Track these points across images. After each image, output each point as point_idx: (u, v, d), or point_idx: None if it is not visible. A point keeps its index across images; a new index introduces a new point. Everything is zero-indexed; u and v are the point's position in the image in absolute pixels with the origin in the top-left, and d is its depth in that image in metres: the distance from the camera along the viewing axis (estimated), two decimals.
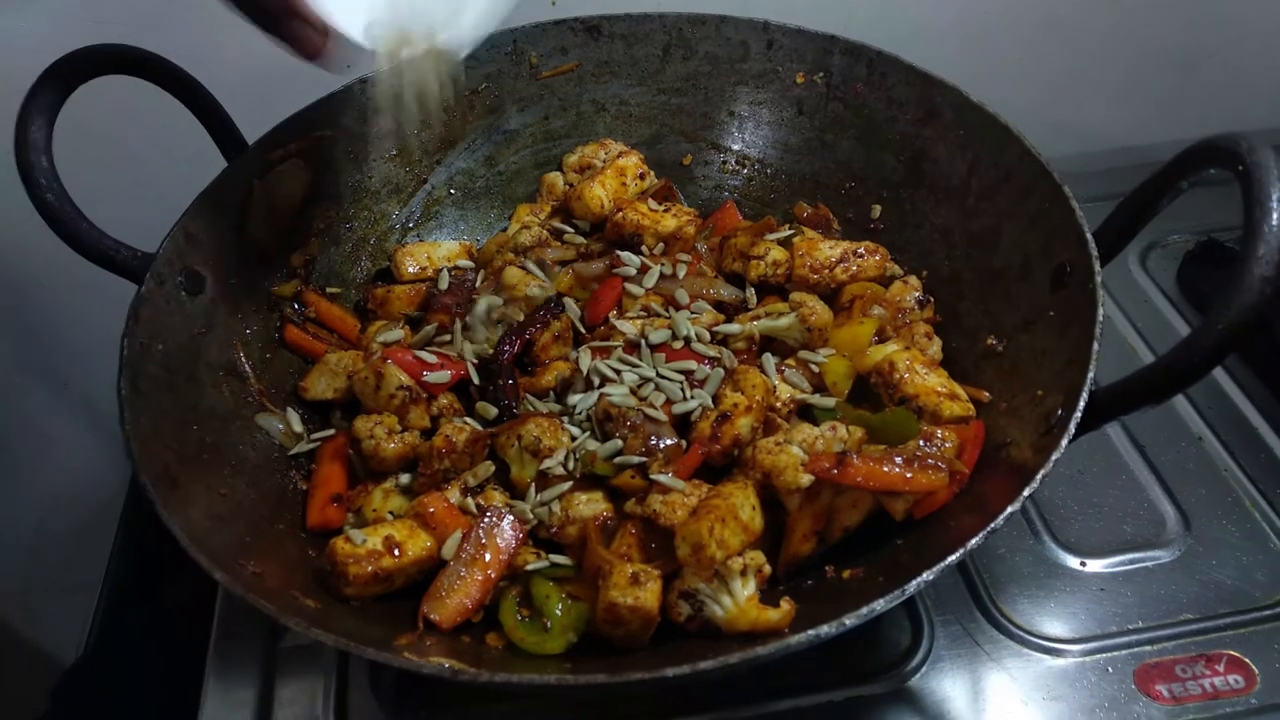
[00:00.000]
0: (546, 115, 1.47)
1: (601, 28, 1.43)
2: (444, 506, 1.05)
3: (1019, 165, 1.16)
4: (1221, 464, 1.35)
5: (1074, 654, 1.16)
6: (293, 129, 1.29)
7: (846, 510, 1.04)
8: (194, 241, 1.17)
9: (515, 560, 1.04)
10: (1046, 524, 1.28)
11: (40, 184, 1.04)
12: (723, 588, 0.96)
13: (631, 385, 1.15)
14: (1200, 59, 1.96)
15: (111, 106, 1.33)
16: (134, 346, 1.04)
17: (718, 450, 1.09)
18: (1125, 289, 1.61)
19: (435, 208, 1.45)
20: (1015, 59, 1.88)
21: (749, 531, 0.99)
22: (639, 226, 1.32)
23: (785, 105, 1.43)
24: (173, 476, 0.97)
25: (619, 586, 0.95)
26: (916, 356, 1.13)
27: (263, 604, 0.83)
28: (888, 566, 0.99)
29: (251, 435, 1.16)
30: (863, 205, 1.38)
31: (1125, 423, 1.39)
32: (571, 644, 0.99)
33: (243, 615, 1.22)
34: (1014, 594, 1.22)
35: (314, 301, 1.30)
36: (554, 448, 1.09)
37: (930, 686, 1.14)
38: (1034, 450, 0.94)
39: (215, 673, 1.18)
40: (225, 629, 1.20)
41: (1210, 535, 1.26)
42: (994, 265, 1.19)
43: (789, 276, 1.27)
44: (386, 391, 1.13)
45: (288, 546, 1.06)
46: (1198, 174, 0.93)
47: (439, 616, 0.99)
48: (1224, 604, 1.19)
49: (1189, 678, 1.13)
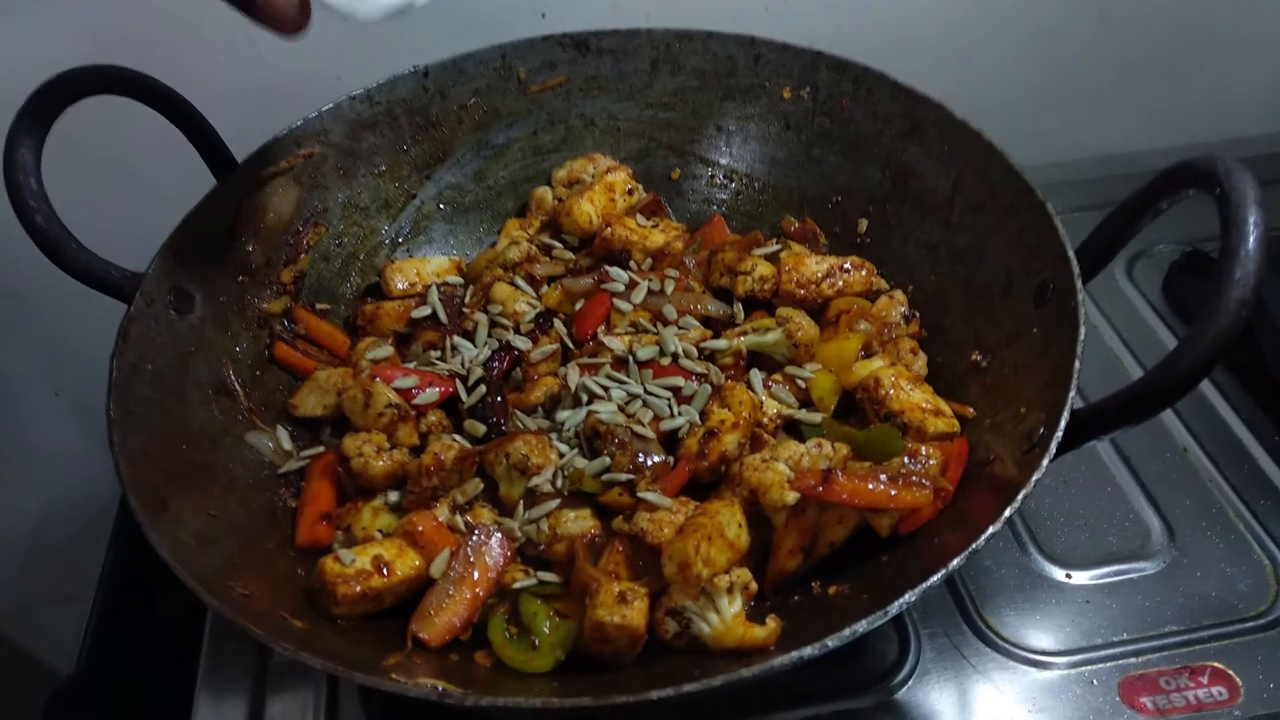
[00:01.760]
0: (535, 130, 1.48)
1: (590, 43, 1.44)
2: (432, 525, 1.06)
3: (1002, 182, 1.17)
4: (1206, 475, 1.36)
5: (1060, 666, 1.16)
6: (281, 146, 1.30)
7: (832, 526, 1.05)
8: (183, 260, 1.17)
9: (503, 578, 1.04)
10: (1032, 536, 1.29)
11: (30, 206, 1.04)
12: (709, 605, 0.96)
13: (619, 402, 1.15)
14: (1185, 69, 1.98)
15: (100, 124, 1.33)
16: (123, 367, 1.04)
17: (705, 467, 1.09)
18: (1111, 299, 1.62)
19: (425, 223, 1.45)
20: (1003, 69, 1.89)
21: (735, 549, 0.99)
22: (627, 242, 1.33)
23: (772, 120, 1.44)
24: (162, 498, 0.97)
25: (606, 605, 0.96)
26: (902, 372, 1.14)
27: (252, 629, 0.84)
28: (873, 583, 1.00)
29: (241, 453, 1.16)
30: (849, 219, 1.39)
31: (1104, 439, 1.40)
32: (559, 661, 1.00)
33: (233, 632, 1.23)
34: (1000, 606, 1.23)
35: (303, 318, 1.30)
36: (542, 465, 1.10)
37: (917, 699, 1.15)
38: (1017, 467, 0.95)
39: (206, 689, 1.18)
40: (216, 645, 1.21)
41: (1195, 547, 1.27)
42: (978, 281, 1.20)
43: (776, 291, 1.28)
44: (375, 410, 1.14)
45: (277, 565, 1.06)
46: (1177, 194, 0.93)
47: (427, 635, 0.99)
48: (1208, 615, 1.20)
49: (1173, 689, 1.14)
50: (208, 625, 1.24)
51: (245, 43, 1.58)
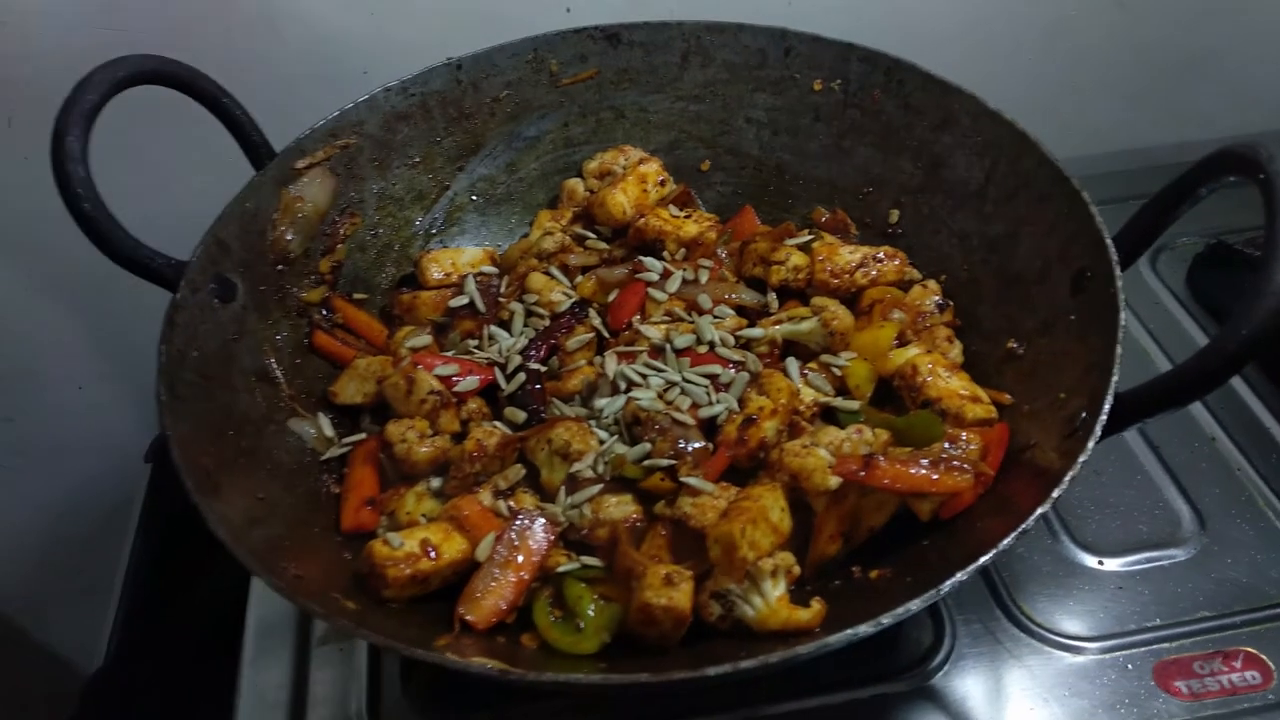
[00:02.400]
0: (566, 122, 1.49)
1: (620, 36, 1.45)
2: (477, 509, 1.07)
3: (1037, 171, 1.18)
4: (1235, 464, 1.37)
5: (1093, 651, 1.18)
6: (318, 137, 1.31)
7: (872, 511, 1.06)
8: (225, 249, 1.18)
9: (547, 562, 1.05)
10: (1064, 524, 1.30)
11: (78, 193, 1.05)
12: (754, 588, 0.98)
13: (658, 389, 1.16)
14: (1205, 60, 1.98)
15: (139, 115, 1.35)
16: (171, 353, 1.05)
17: (744, 453, 1.10)
18: (1136, 291, 1.63)
19: (457, 214, 1.47)
20: (1021, 61, 1.90)
21: (779, 533, 1.01)
22: (661, 232, 1.34)
23: (802, 112, 1.45)
24: (214, 481, 0.98)
25: (653, 587, 0.97)
26: (938, 360, 1.15)
27: (313, 608, 0.85)
28: (914, 567, 1.01)
29: (284, 440, 1.17)
30: (880, 210, 1.40)
31: (1140, 425, 1.42)
32: (604, 644, 1.01)
33: (276, 617, 1.25)
34: (1033, 593, 1.24)
35: (341, 307, 1.32)
36: (583, 451, 1.11)
37: (953, 684, 1.16)
38: (1058, 453, 0.97)
39: (250, 672, 1.20)
40: (260, 629, 1.22)
41: (1225, 534, 1.29)
42: (1012, 270, 1.21)
43: (810, 281, 1.29)
44: (418, 396, 1.15)
45: (323, 549, 1.08)
46: (1217, 181, 0.95)
47: (475, 617, 1.00)
48: (1239, 601, 1.21)
49: (1207, 674, 1.15)
50: (250, 610, 1.26)
51: (271, 35, 1.60)
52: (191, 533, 0.94)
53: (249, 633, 1.24)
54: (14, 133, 1.59)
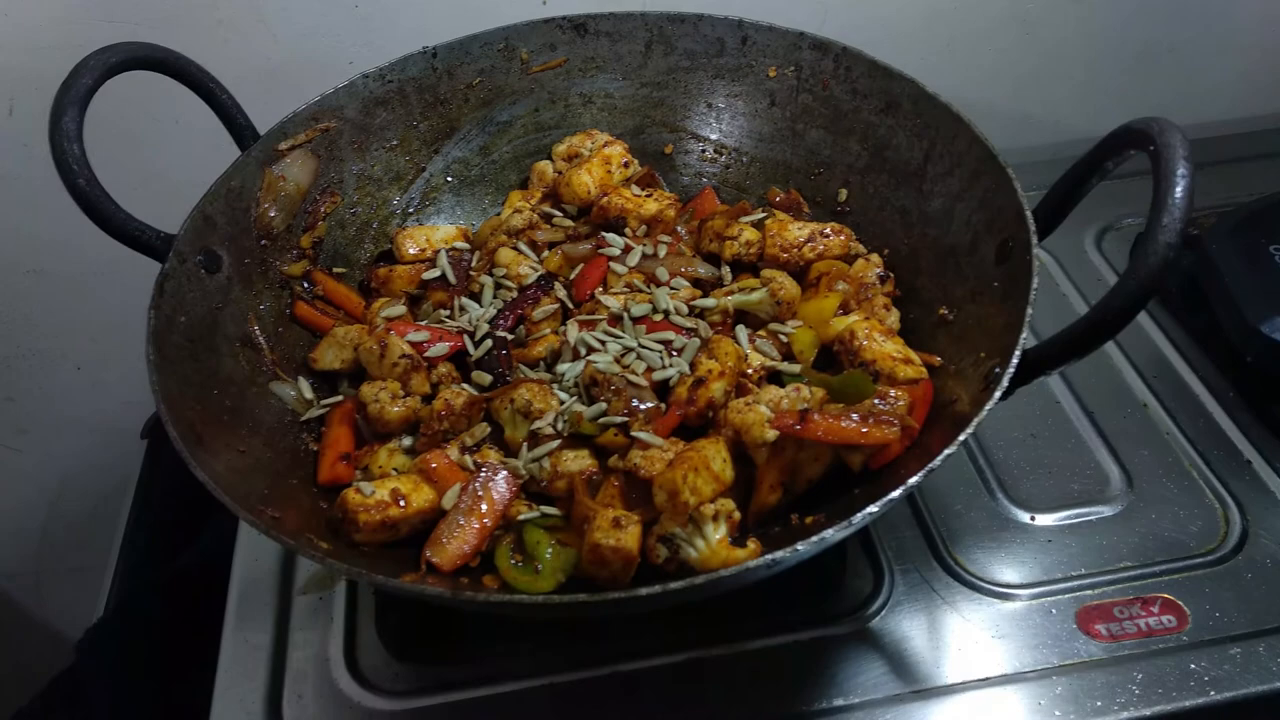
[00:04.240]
0: (537, 108, 1.57)
1: (587, 25, 1.53)
2: (445, 462, 1.16)
3: (969, 150, 1.26)
4: (1164, 428, 1.45)
5: (1022, 598, 1.26)
6: (300, 121, 1.39)
7: (809, 463, 1.14)
8: (212, 224, 1.26)
9: (509, 511, 1.14)
10: (1000, 483, 1.39)
11: (73, 169, 1.13)
12: (696, 531, 1.06)
13: (615, 354, 1.25)
14: (1161, 53, 2.06)
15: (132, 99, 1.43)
16: (160, 318, 1.13)
17: (694, 411, 1.19)
18: (1081, 269, 1.71)
19: (433, 194, 1.55)
20: (984, 55, 1.98)
21: (720, 481, 1.09)
22: (623, 210, 1.42)
23: (759, 97, 1.53)
24: (198, 434, 1.06)
25: (602, 529, 1.05)
26: (875, 325, 1.24)
27: (285, 540, 0.93)
28: (845, 511, 1.07)
29: (266, 401, 1.25)
30: (830, 189, 1.48)
31: (1075, 390, 1.50)
32: (560, 584, 1.09)
33: (260, 572, 1.33)
34: (969, 545, 1.32)
35: (322, 280, 1.40)
36: (544, 410, 1.19)
37: (890, 627, 1.24)
38: (973, 405, 1.05)
39: (234, 621, 1.28)
40: (243, 581, 1.31)
41: (1151, 492, 1.37)
42: (947, 242, 1.29)
43: (761, 255, 1.38)
44: (390, 360, 1.23)
45: (301, 498, 1.16)
46: (1119, 155, 1.03)
47: (440, 560, 1.09)
48: (1161, 553, 1.30)
49: (1126, 618, 1.23)
50: (235, 564, 1.34)
51: (260, 27, 1.68)
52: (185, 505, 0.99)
53: (233, 586, 1.32)
54: (15, 120, 1.68)
